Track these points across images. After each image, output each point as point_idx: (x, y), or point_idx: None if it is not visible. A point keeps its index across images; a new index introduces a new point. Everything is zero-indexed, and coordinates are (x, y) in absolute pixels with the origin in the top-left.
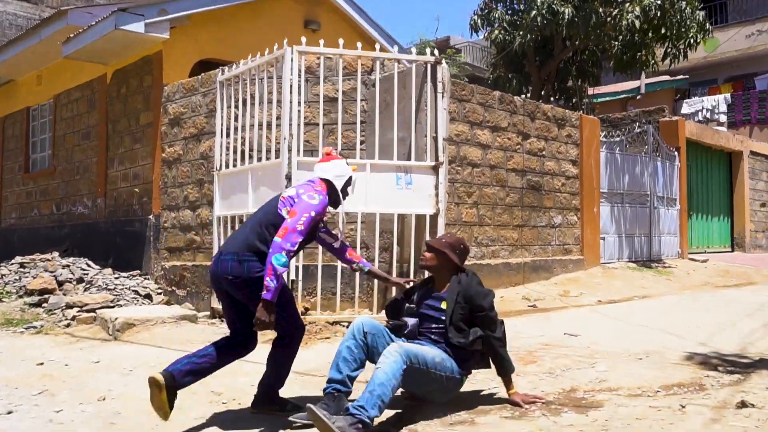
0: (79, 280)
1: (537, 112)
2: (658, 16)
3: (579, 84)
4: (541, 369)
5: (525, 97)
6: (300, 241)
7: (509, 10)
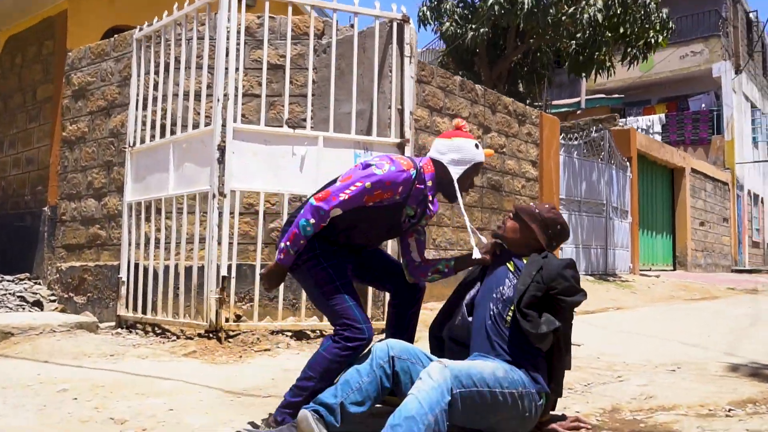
0: None
1: (498, 105)
2: (620, 12)
3: (536, 83)
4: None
5: (484, 89)
6: (339, 211)
7: (461, 3)
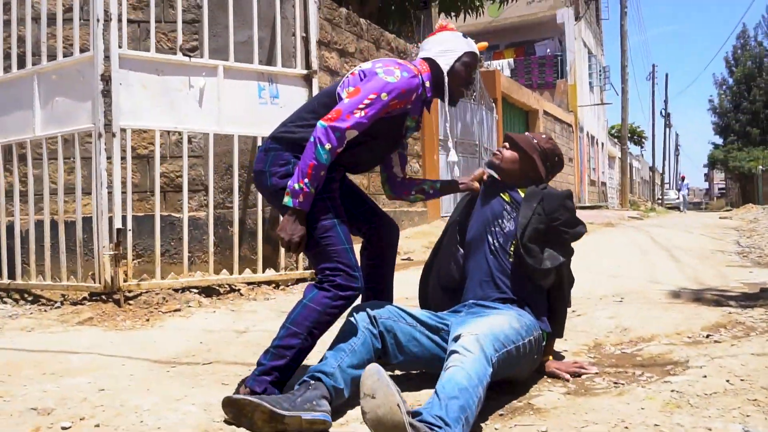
0: None
1: (382, 41)
2: None
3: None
4: None
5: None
6: (355, 133)
7: None
